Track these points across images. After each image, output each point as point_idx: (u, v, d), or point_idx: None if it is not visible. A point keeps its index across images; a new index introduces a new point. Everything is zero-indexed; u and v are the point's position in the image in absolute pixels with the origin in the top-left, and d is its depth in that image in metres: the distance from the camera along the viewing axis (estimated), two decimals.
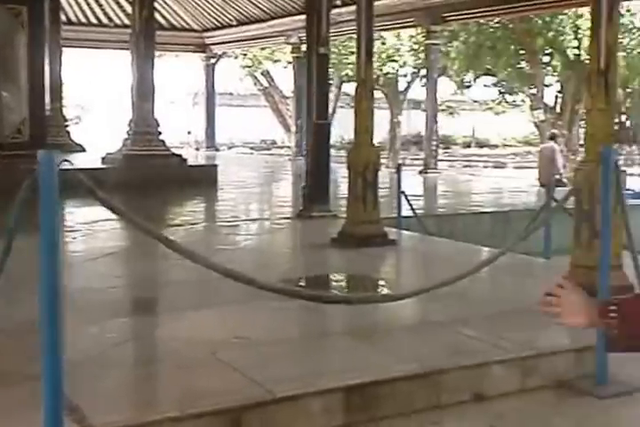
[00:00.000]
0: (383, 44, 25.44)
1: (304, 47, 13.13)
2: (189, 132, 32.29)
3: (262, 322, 4.89)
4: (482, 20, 20.09)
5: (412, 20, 17.68)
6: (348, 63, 24.41)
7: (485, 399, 4.06)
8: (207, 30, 22.79)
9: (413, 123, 36.61)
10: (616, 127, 16.88)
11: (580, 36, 17.36)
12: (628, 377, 4.37)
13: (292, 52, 20.66)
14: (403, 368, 3.95)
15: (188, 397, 3.47)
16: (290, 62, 22.81)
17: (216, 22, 22.19)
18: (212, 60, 23.66)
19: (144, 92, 13.36)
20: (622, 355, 4.40)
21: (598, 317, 1.86)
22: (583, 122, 24.04)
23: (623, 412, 4.06)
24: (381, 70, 25.94)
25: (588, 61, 15.37)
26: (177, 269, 5.83)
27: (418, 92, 28.69)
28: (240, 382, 3.68)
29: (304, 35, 11.59)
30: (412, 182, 15.13)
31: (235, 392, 3.55)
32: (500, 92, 28.80)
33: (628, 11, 18.21)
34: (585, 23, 16.20)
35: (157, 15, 17.07)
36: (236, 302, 5.08)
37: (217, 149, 23.67)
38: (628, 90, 22.35)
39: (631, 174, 13.71)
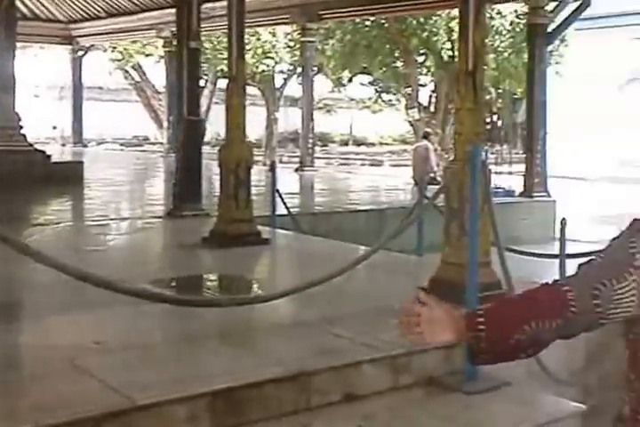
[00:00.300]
0: (259, 39, 25.40)
1: (176, 41, 12.94)
2: (55, 128, 31.29)
3: (126, 327, 4.75)
4: (357, 19, 20.36)
5: (287, 16, 17.73)
6: (223, 59, 24.21)
7: (356, 399, 4.07)
8: (74, 22, 22.14)
9: (290, 120, 36.72)
10: (488, 127, 17.45)
11: (453, 37, 17.83)
12: (496, 372, 4.48)
13: (164, 47, 20.33)
14: (271, 371, 3.91)
15: (44, 407, 3.32)
16: (162, 57, 22.43)
17: (83, 13, 21.58)
18: (80, 53, 23.02)
19: (4, 85, 12.83)
20: None
21: (466, 330, 1.73)
22: None
23: (490, 407, 4.16)
24: (257, 67, 25.89)
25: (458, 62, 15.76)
26: (38, 272, 5.59)
27: (295, 89, 28.80)
28: (99, 389, 3.55)
29: (176, 28, 11.43)
30: (288, 180, 15.17)
31: (93, 401, 3.41)
32: (377, 91, 29.28)
33: (499, 13, 18.84)
34: (457, 25, 16.65)
35: (19, 4, 16.44)
36: (99, 306, 4.91)
37: (85, 145, 23.05)
38: (500, 91, 23.14)
39: (501, 173, 14.17)
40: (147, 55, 29.73)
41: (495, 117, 27.56)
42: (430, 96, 22.72)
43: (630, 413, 1.81)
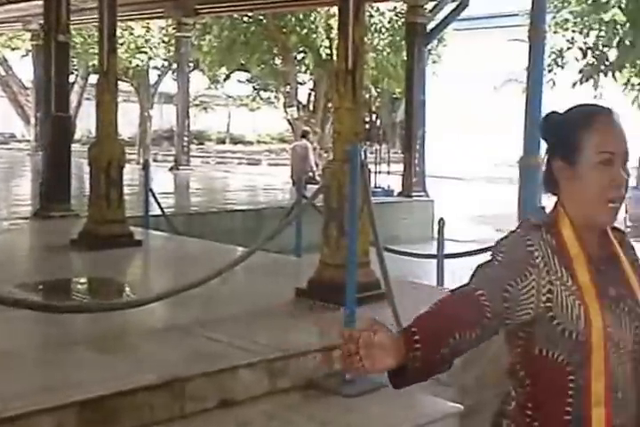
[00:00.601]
0: (132, 34, 24.90)
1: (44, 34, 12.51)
2: None
3: None
4: (235, 15, 20.25)
5: (161, 10, 17.45)
6: (94, 53, 23.61)
7: (233, 405, 4.03)
8: None
9: (165, 117, 36.22)
10: (366, 126, 17.66)
11: (331, 35, 17.98)
12: (374, 374, 4.53)
13: (32, 40, 19.65)
14: (144, 378, 3.82)
15: None
16: (29, 50, 21.68)
17: None
18: None
19: None
20: None
21: (405, 351, 1.62)
22: None
23: (369, 409, 4.19)
24: (130, 62, 25.36)
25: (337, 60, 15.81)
26: None
27: (170, 85, 28.39)
28: None
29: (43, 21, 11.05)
30: (162, 179, 14.96)
31: None
32: (255, 89, 29.21)
33: (378, 11, 19.10)
34: (336, 22, 16.79)
35: None
36: None
37: None
38: (378, 90, 23.50)
39: (380, 172, 14.39)
40: (13, 49, 28.67)
41: (374, 117, 28.02)
42: (309, 94, 22.84)
43: (517, 408, 1.85)
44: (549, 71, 13.77)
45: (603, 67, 14.45)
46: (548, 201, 1.97)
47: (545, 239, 1.82)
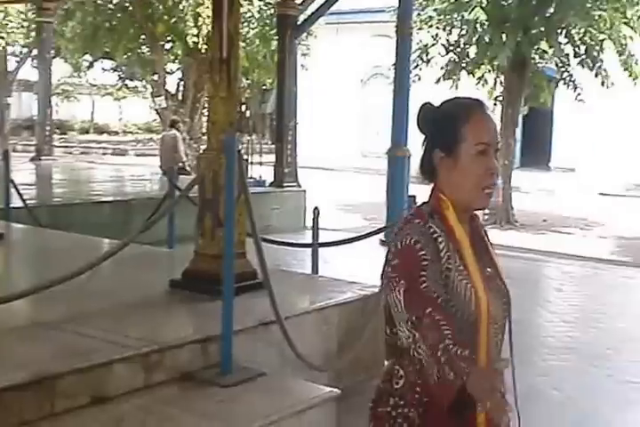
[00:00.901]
0: None
1: None
2: None
3: None
4: (99, 1, 19.68)
5: None
6: None
7: (107, 401, 3.91)
8: None
9: (25, 106, 34.93)
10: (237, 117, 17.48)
11: (199, 23, 17.71)
12: (251, 363, 4.50)
13: None
14: (11, 377, 3.64)
15: None
16: None
17: None
18: None
19: None
20: (249, 342, 4.52)
21: None
22: (205, 110, 24.61)
23: (247, 398, 4.15)
24: None
25: (208, 50, 15.70)
26: None
27: (30, 72, 27.36)
28: None
29: None
30: (24, 170, 14.42)
31: None
32: (120, 77, 28.50)
33: (247, 0, 18.94)
34: (206, 11, 16.55)
35: None
36: None
37: None
38: (248, 81, 23.38)
39: (252, 163, 14.33)
40: None
41: (244, 108, 27.88)
42: (178, 84, 22.48)
43: (407, 385, 1.92)
44: (415, 67, 14.05)
45: (463, 63, 14.87)
46: (416, 190, 2.08)
47: (439, 226, 1.93)
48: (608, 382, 5.55)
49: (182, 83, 21.55)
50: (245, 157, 14.16)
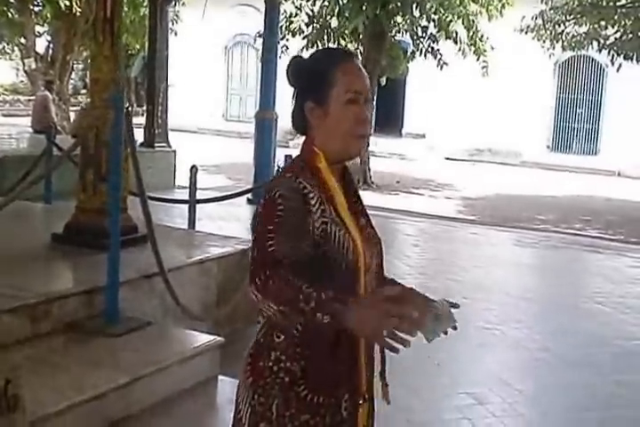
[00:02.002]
0: None
1: None
2: None
3: None
4: None
5: None
6: None
7: None
8: None
9: None
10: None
11: None
12: (136, 314, 4.42)
13: None
14: None
15: None
16: None
17: None
18: None
19: None
20: (133, 293, 4.42)
21: None
22: (74, 72, 23.63)
23: (134, 347, 4.09)
24: None
25: (81, 13, 14.96)
26: None
27: None
28: None
29: None
30: None
31: None
32: None
33: None
34: None
35: None
36: None
37: None
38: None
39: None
40: None
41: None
42: (47, 46, 21.48)
43: (288, 339, 1.80)
44: (283, 38, 13.95)
45: (325, 34, 14.89)
46: (283, 151, 1.99)
47: (311, 180, 1.82)
48: (466, 328, 5.77)
49: (51, 45, 20.58)
50: None
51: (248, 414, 1.83)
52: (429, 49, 14.69)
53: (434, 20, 14.20)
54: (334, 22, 14.75)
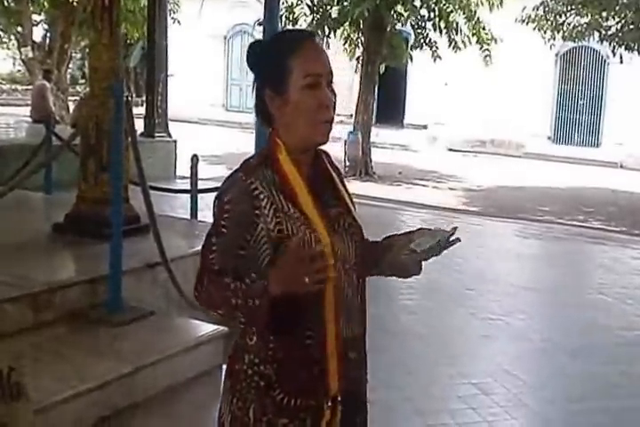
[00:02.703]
0: None
1: None
2: None
3: None
4: None
5: None
6: None
7: None
8: None
9: None
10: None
11: None
12: (139, 303, 4.44)
13: None
14: None
15: None
16: None
17: None
18: None
19: None
20: (136, 283, 4.42)
21: None
22: (72, 61, 23.56)
23: (138, 336, 4.12)
24: None
25: (77, 1, 14.88)
26: None
27: None
28: None
29: None
30: None
31: None
32: None
33: None
34: None
35: None
36: None
37: None
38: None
39: None
40: None
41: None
42: (45, 35, 21.42)
43: (260, 342, 1.77)
44: (283, 28, 13.93)
45: (325, 24, 14.84)
46: None
47: (266, 176, 1.74)
48: (471, 320, 5.80)
49: (48, 34, 20.53)
50: None
51: (229, 418, 1.80)
52: (427, 41, 14.67)
53: (434, 10, 14.17)
54: (335, 12, 14.71)
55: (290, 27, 14.56)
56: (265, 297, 1.61)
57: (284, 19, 14.23)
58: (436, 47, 14.61)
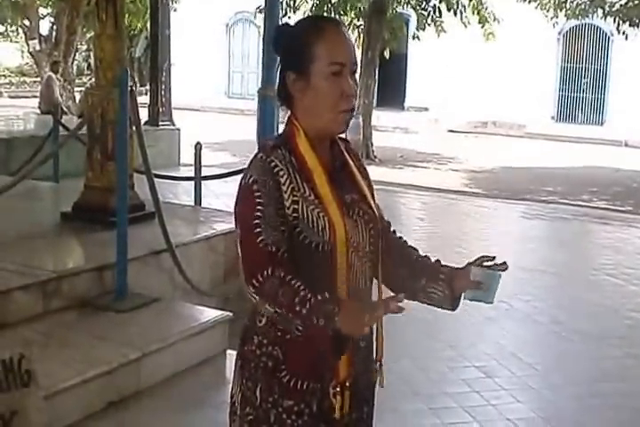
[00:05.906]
0: None
1: None
2: None
3: None
4: None
5: None
6: None
7: (8, 327, 3.78)
8: None
9: None
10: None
11: None
12: (144, 290, 4.44)
13: None
14: None
15: None
16: None
17: None
18: None
19: None
20: (142, 269, 4.42)
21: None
22: (78, 53, 23.51)
23: (143, 322, 4.12)
24: None
25: None
26: None
27: None
28: None
29: None
30: None
31: None
32: None
33: None
34: None
35: None
36: None
37: None
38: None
39: None
40: None
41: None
42: (51, 28, 21.39)
43: (269, 323, 1.77)
44: (285, 15, 13.84)
45: (327, 9, 14.74)
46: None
47: (285, 157, 1.74)
48: (474, 303, 5.72)
49: (55, 27, 20.48)
50: None
51: (239, 398, 1.81)
52: (432, 21, 14.56)
53: None
54: None
55: (291, 14, 14.49)
56: (330, 325, 1.59)
57: (284, 6, 14.13)
58: (441, 21, 14.46)
